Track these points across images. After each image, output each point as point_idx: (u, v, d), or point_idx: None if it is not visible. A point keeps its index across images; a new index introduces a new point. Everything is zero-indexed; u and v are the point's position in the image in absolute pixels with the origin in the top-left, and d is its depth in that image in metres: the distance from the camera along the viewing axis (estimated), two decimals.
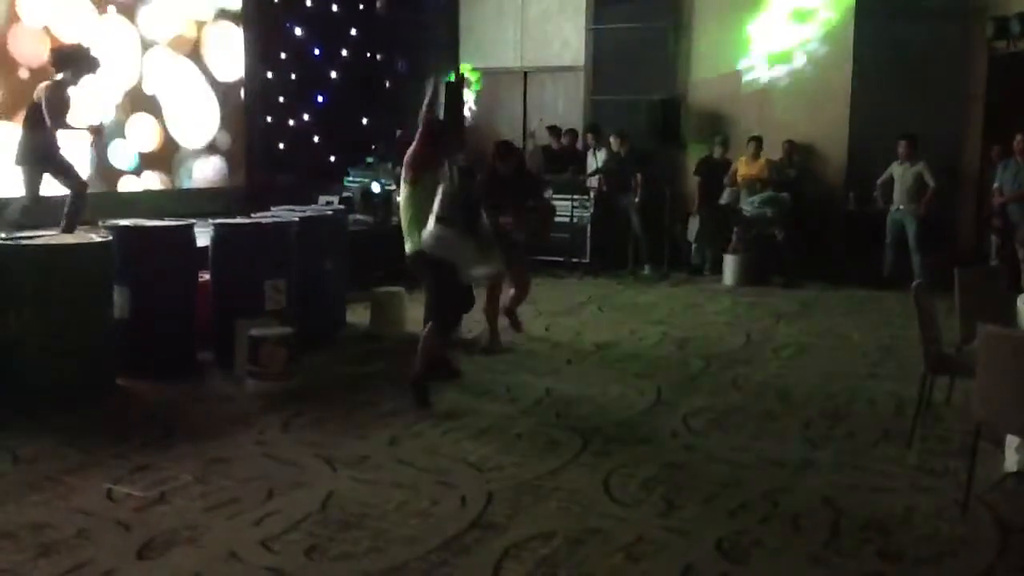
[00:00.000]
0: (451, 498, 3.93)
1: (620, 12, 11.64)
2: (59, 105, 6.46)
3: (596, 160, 11.08)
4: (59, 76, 6.56)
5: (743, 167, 10.35)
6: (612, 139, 10.80)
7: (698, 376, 6.15)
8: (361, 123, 12.19)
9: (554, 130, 11.55)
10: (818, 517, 3.80)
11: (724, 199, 10.50)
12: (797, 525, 3.74)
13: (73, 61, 6.67)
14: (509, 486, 4.07)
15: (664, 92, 11.14)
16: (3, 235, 5.43)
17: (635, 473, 4.27)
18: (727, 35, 11.20)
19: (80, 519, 3.64)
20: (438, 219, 5.34)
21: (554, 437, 4.78)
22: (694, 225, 10.64)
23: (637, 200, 10.54)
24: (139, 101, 9.23)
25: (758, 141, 10.31)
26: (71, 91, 6.61)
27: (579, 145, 11.50)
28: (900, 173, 9.67)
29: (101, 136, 7.98)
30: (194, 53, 9.83)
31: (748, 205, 10.13)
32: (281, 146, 10.91)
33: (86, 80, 6.84)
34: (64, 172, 6.71)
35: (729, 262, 10.06)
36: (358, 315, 7.61)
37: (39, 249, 5.31)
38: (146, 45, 9.24)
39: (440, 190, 5.46)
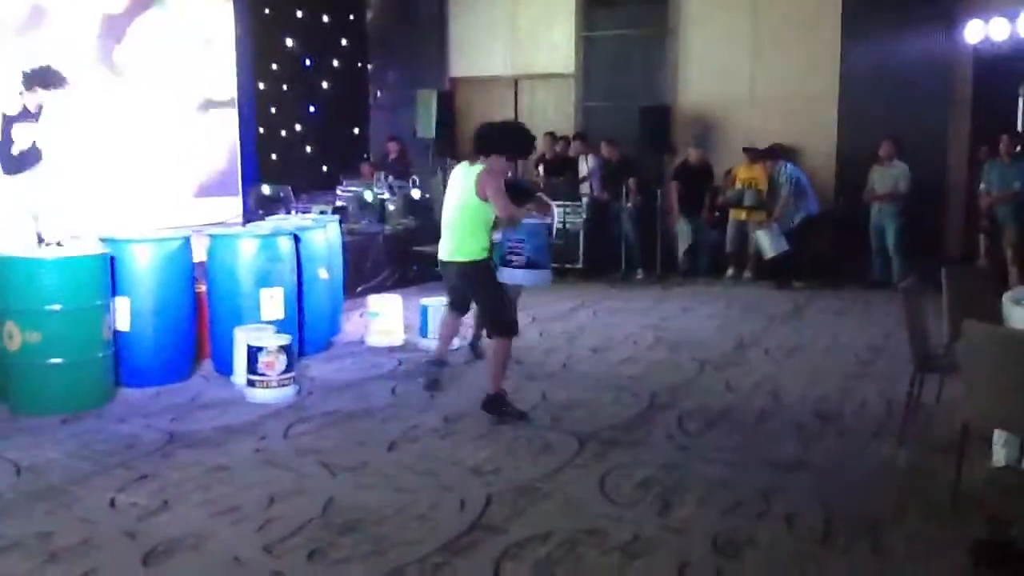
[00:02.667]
0: (450, 501, 3.99)
1: (610, 19, 11.74)
2: None
3: (586, 166, 11.16)
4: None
5: (743, 171, 10.45)
6: (603, 146, 10.90)
7: (692, 378, 6.22)
8: (353, 133, 12.27)
9: (551, 136, 11.60)
10: (811, 515, 3.86)
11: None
12: (790, 523, 3.80)
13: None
14: (507, 489, 4.14)
15: (654, 99, 11.26)
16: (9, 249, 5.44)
17: (631, 474, 4.34)
18: (716, 42, 11.29)
19: (85, 528, 3.69)
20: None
21: (550, 440, 4.84)
22: (682, 233, 10.77)
23: (630, 205, 10.64)
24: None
25: (751, 151, 10.39)
26: None
27: (571, 152, 11.58)
28: (880, 175, 9.79)
29: None
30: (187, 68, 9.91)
31: (748, 199, 10.24)
32: (274, 157, 10.97)
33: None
34: None
35: (756, 265, 10.24)
36: (353, 323, 7.70)
37: (38, 263, 5.35)
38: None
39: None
